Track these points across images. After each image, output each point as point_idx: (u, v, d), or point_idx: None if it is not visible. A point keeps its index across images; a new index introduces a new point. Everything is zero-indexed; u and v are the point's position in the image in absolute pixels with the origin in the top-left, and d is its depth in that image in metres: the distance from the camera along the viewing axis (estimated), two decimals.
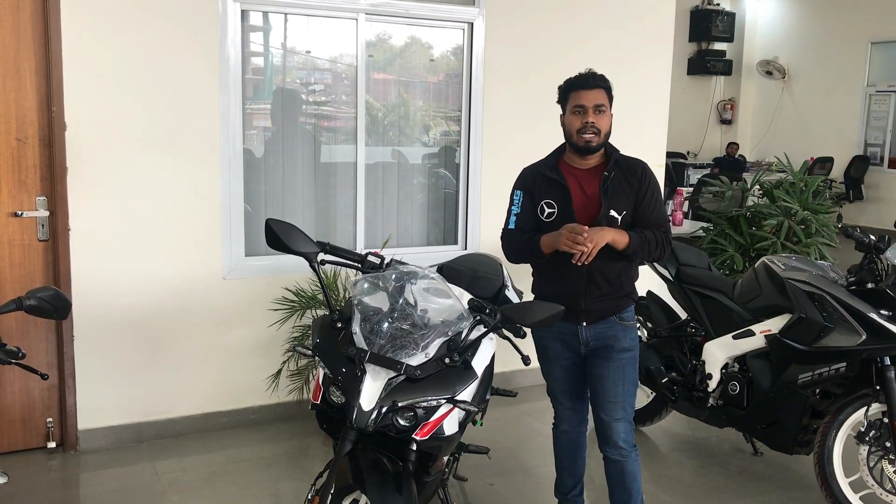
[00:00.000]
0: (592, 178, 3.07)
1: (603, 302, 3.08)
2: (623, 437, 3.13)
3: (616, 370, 3.11)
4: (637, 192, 3.06)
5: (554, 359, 3.22)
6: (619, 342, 3.11)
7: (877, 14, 12.73)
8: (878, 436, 3.54)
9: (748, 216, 5.98)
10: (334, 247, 2.98)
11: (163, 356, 4.32)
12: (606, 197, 3.03)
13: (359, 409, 2.48)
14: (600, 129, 3.01)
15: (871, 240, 3.71)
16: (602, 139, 3.03)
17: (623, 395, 3.12)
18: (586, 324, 3.10)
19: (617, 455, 3.15)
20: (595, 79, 3.05)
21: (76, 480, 3.92)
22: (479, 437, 3.77)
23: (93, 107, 4.00)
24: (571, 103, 3.04)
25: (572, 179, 3.08)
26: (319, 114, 4.98)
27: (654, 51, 5.51)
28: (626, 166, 3.09)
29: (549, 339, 3.19)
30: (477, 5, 4.93)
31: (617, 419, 3.12)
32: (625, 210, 3.05)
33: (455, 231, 5.19)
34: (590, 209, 3.03)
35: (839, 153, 13.03)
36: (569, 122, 3.05)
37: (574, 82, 3.06)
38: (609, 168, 3.06)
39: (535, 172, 3.16)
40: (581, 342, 3.13)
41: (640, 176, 3.09)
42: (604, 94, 3.04)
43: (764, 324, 3.89)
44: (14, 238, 3.96)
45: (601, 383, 3.13)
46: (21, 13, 3.84)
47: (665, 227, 3.13)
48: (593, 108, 3.00)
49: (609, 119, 3.06)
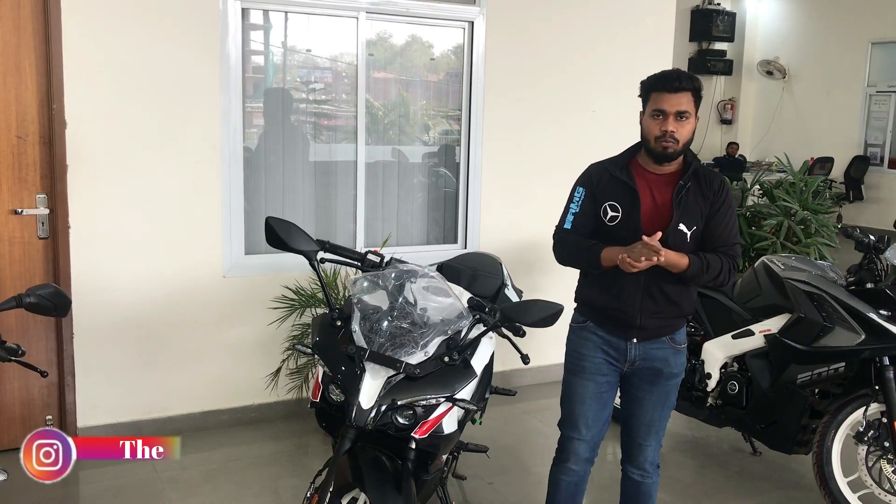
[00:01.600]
0: (666, 186, 2.80)
1: (658, 319, 2.83)
2: (650, 458, 2.98)
3: (659, 397, 2.91)
4: (711, 205, 2.79)
5: (590, 372, 2.88)
6: (668, 367, 2.88)
7: (877, 14, 12.74)
8: (877, 436, 3.55)
9: (748, 216, 5.98)
10: (334, 245, 2.97)
11: (162, 354, 4.32)
12: (679, 208, 2.76)
13: (358, 408, 2.48)
14: (680, 138, 2.72)
15: (871, 240, 3.72)
16: (681, 147, 2.74)
17: (660, 420, 2.94)
18: (637, 341, 2.84)
19: (639, 476, 3.00)
20: (681, 80, 2.73)
21: (75, 478, 3.92)
22: (478, 435, 3.77)
23: (93, 104, 4.00)
24: (652, 105, 2.75)
25: (643, 184, 2.80)
26: (319, 112, 4.99)
27: (654, 50, 5.50)
28: (704, 178, 2.82)
29: (590, 347, 2.88)
30: (477, 4, 4.93)
31: (649, 445, 2.96)
32: (695, 225, 2.78)
33: (455, 230, 5.19)
34: (658, 219, 2.76)
35: (839, 153, 13.03)
36: (647, 125, 2.77)
37: (657, 82, 2.76)
38: (686, 177, 2.79)
39: (602, 170, 2.87)
40: (627, 359, 2.86)
41: (716, 189, 2.81)
42: (689, 99, 2.73)
43: (763, 323, 3.90)
44: (14, 235, 3.96)
45: (640, 407, 2.92)
46: (21, 11, 3.84)
47: (734, 251, 2.84)
48: (675, 114, 2.71)
49: (692, 126, 2.76)
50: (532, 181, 5.12)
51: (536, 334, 2.88)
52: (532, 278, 4.58)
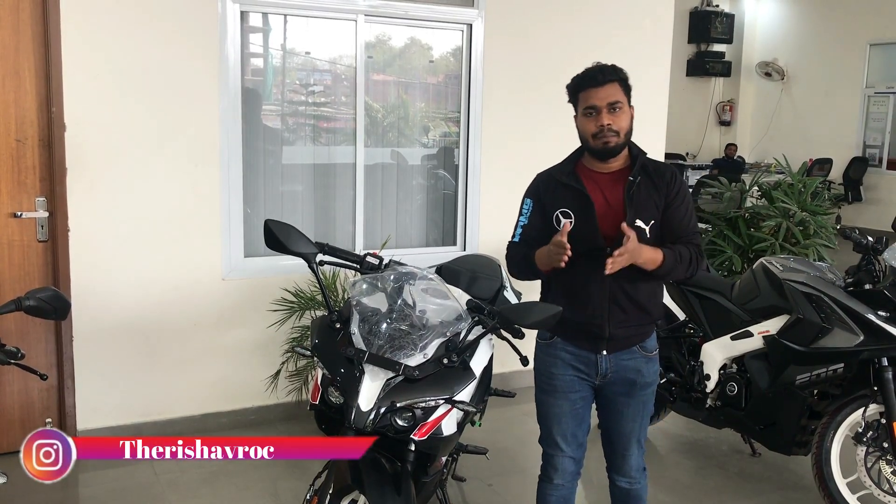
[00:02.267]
0: (615, 184, 2.72)
1: (627, 328, 2.74)
2: (635, 465, 2.89)
3: (636, 407, 2.82)
4: (666, 197, 2.71)
5: (562, 391, 2.80)
6: (642, 377, 2.79)
7: (876, 15, 12.75)
8: (876, 436, 3.55)
9: (747, 217, 5.98)
10: (333, 247, 2.98)
11: (162, 357, 4.32)
12: (632, 205, 2.67)
13: (357, 410, 2.48)
14: (619, 130, 2.65)
15: (869, 241, 3.72)
16: (623, 139, 2.67)
17: (639, 430, 2.86)
18: (606, 352, 2.75)
19: (626, 483, 2.91)
20: (605, 73, 2.67)
21: (75, 480, 3.92)
22: (477, 437, 3.77)
23: (92, 107, 4.01)
24: (582, 105, 2.69)
25: (593, 186, 2.72)
26: (319, 115, 4.99)
27: (652, 52, 5.51)
28: (654, 171, 2.74)
29: (559, 366, 2.79)
30: (476, 7, 4.94)
31: (632, 452, 2.88)
32: (653, 219, 2.70)
33: (454, 232, 5.19)
34: (613, 219, 2.66)
35: (838, 154, 13.04)
36: (582, 126, 2.71)
37: (581, 80, 2.69)
38: (635, 172, 2.70)
39: (548, 179, 2.81)
40: (598, 373, 2.77)
41: (668, 181, 2.72)
42: (618, 89, 2.66)
43: (762, 325, 3.90)
44: (13, 239, 3.96)
45: (619, 419, 2.84)
46: (21, 14, 3.85)
47: (697, 241, 2.78)
48: (607, 107, 2.64)
49: (628, 115, 2.69)
50: None
51: (535, 336, 2.89)
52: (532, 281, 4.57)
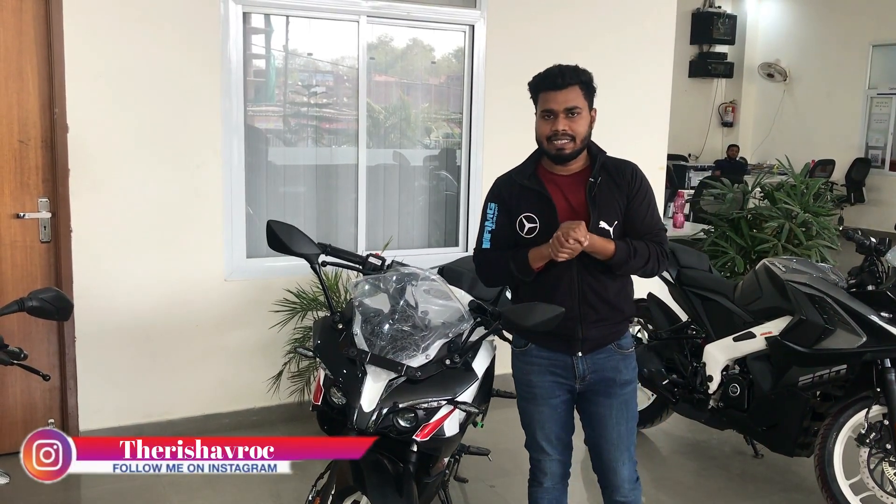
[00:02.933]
0: (577, 186, 2.68)
1: (601, 327, 2.70)
2: (628, 478, 2.81)
3: (619, 407, 2.76)
4: (628, 195, 2.67)
5: (542, 397, 2.75)
6: (620, 374, 2.75)
7: (878, 17, 12.74)
8: (879, 438, 3.55)
9: (749, 218, 5.98)
10: (335, 248, 2.98)
11: (164, 358, 4.32)
12: (595, 207, 2.63)
13: (359, 411, 2.48)
14: (574, 135, 2.60)
15: (872, 242, 3.71)
16: (579, 145, 2.62)
17: (627, 434, 2.78)
18: (582, 354, 2.71)
19: (621, 498, 2.82)
20: (565, 76, 2.60)
21: (77, 481, 3.92)
22: (479, 438, 3.77)
23: (95, 109, 4.01)
24: (541, 106, 2.64)
25: (554, 188, 2.68)
26: (321, 116, 4.99)
27: (655, 53, 5.51)
28: (615, 169, 2.69)
29: (536, 373, 2.75)
30: (478, 8, 4.94)
31: (623, 464, 2.79)
32: (616, 220, 2.66)
33: (456, 233, 5.19)
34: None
35: (840, 156, 13.02)
36: (538, 127, 2.66)
37: (542, 81, 2.64)
38: (595, 173, 2.66)
39: (510, 182, 2.76)
40: (577, 376, 2.72)
41: (629, 178, 2.69)
42: (578, 93, 2.60)
43: (764, 326, 3.90)
44: (16, 239, 3.96)
45: (602, 424, 2.77)
46: (23, 15, 3.85)
47: (660, 237, 2.73)
48: (564, 112, 2.58)
49: (586, 121, 2.62)
50: None
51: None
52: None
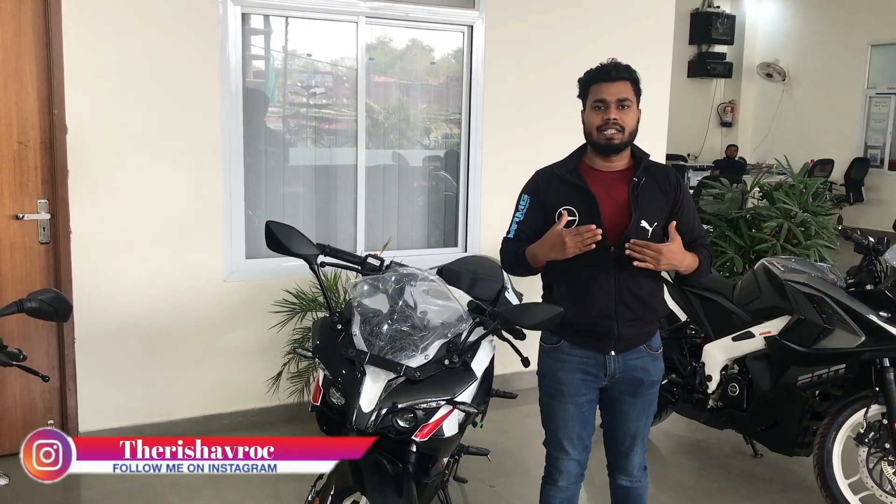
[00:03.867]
0: (619, 183, 2.71)
1: (635, 327, 2.73)
2: (637, 464, 2.90)
3: (642, 406, 2.82)
4: (674, 201, 2.72)
5: (570, 395, 2.77)
6: (649, 375, 2.79)
7: (877, 16, 12.75)
8: (878, 437, 3.55)
9: (748, 218, 5.98)
10: (334, 249, 2.98)
11: (163, 358, 4.33)
12: (637, 205, 2.67)
13: (359, 411, 2.48)
14: (624, 126, 2.65)
15: (870, 242, 3.72)
16: (626, 137, 2.67)
17: (644, 428, 2.87)
18: (615, 353, 2.73)
19: (628, 482, 2.92)
20: (619, 70, 2.69)
21: (77, 482, 3.92)
22: (479, 438, 3.77)
23: (94, 110, 4.02)
24: (591, 98, 2.69)
25: (596, 184, 2.70)
26: (320, 116, 5.00)
27: (654, 53, 5.52)
28: (659, 173, 2.75)
29: (567, 370, 2.76)
30: (477, 8, 4.95)
31: (635, 453, 2.88)
32: (657, 221, 2.69)
33: (455, 233, 5.20)
34: (618, 219, 2.66)
35: (839, 155, 13.03)
36: (588, 118, 2.71)
37: (594, 74, 2.70)
38: (640, 173, 2.71)
39: (549, 176, 2.78)
40: (607, 374, 2.75)
41: (674, 184, 2.74)
42: (629, 87, 2.67)
43: (763, 325, 3.90)
44: (15, 240, 3.97)
45: (623, 418, 2.83)
46: (22, 17, 3.86)
47: (706, 241, 2.84)
48: (616, 102, 2.64)
49: (635, 115, 2.69)
50: None
51: (536, 337, 2.89)
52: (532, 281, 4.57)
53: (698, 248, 2.76)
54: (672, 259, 2.60)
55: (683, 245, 2.68)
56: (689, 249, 2.72)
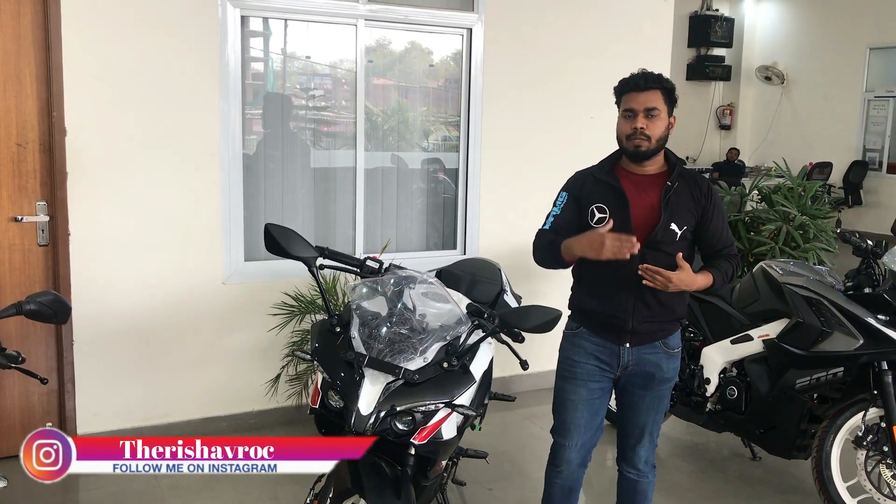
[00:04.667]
0: (652, 187, 2.83)
1: (651, 324, 2.85)
2: (644, 458, 3.02)
3: (653, 401, 2.94)
4: (704, 209, 2.84)
5: (583, 379, 2.90)
6: (661, 372, 2.90)
7: (875, 20, 12.76)
8: (876, 440, 3.55)
9: (747, 221, 5.99)
10: (333, 251, 2.98)
11: (162, 361, 4.33)
12: (668, 208, 2.79)
13: (357, 414, 2.48)
14: (651, 135, 2.76)
15: (869, 245, 3.72)
16: (654, 145, 2.78)
17: (654, 424, 2.98)
18: (630, 345, 2.86)
19: (635, 475, 3.05)
20: (648, 80, 2.78)
21: (75, 485, 3.92)
22: (477, 441, 3.78)
23: (93, 112, 4.02)
24: (622, 106, 2.81)
25: (629, 185, 2.83)
26: (319, 119, 5.00)
27: (652, 56, 5.51)
28: (692, 179, 2.87)
29: (582, 354, 2.91)
30: (476, 11, 4.95)
31: (643, 446, 3.01)
32: (686, 225, 2.82)
33: (454, 236, 5.20)
34: (648, 220, 2.80)
35: (838, 158, 13.04)
36: (619, 126, 2.82)
37: (626, 83, 2.81)
38: (673, 178, 2.82)
39: (586, 176, 2.93)
40: (620, 364, 2.88)
41: (706, 192, 2.85)
42: (659, 97, 2.77)
43: (762, 328, 3.91)
44: (14, 243, 3.97)
45: (634, 411, 2.96)
46: (22, 19, 3.86)
47: (734, 250, 2.93)
48: (643, 111, 2.75)
49: (664, 124, 2.78)
50: (531, 186, 5.13)
51: (535, 340, 2.89)
52: (531, 284, 4.59)
53: (720, 260, 2.88)
54: (680, 285, 2.73)
55: (711, 252, 2.89)
56: (715, 258, 2.89)
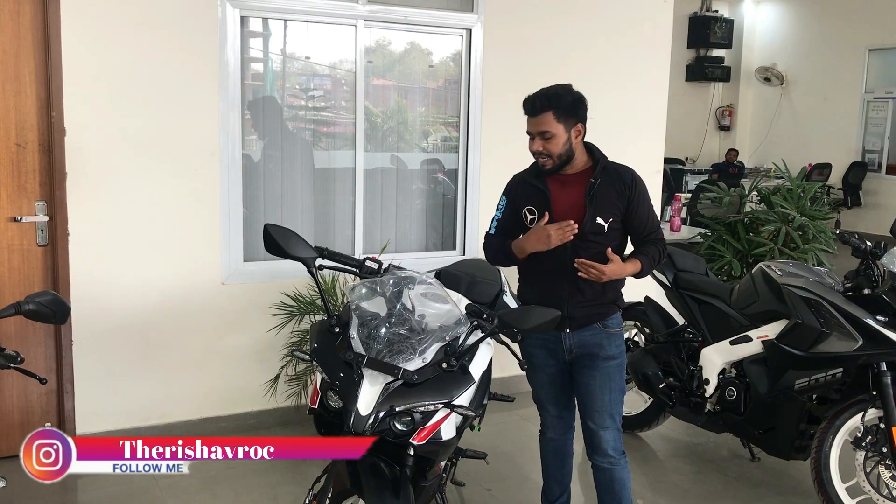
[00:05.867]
0: (577, 185, 3.03)
1: (587, 308, 3.06)
2: (612, 444, 3.12)
3: (602, 379, 3.09)
4: (628, 200, 3.02)
5: (539, 366, 3.20)
6: (603, 350, 3.09)
7: (875, 21, 12.77)
8: (875, 441, 3.55)
9: (746, 222, 5.99)
10: (332, 252, 2.98)
11: (161, 361, 4.32)
12: (592, 203, 2.99)
13: (356, 414, 2.48)
14: (550, 154, 2.96)
15: (868, 246, 3.72)
16: (556, 161, 2.98)
17: (610, 404, 3.10)
18: (570, 330, 3.07)
19: (606, 463, 3.14)
20: (537, 104, 2.94)
21: (74, 485, 3.92)
22: (476, 442, 3.77)
23: (92, 112, 4.02)
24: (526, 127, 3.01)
25: (556, 185, 3.05)
26: (318, 119, 5.00)
27: (652, 57, 5.53)
28: (615, 173, 3.04)
29: (533, 346, 3.17)
30: (475, 12, 4.95)
31: (605, 427, 3.11)
32: (611, 217, 3.01)
33: (453, 236, 5.20)
34: (574, 215, 2.98)
35: (837, 159, 13.05)
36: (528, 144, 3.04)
37: (523, 105, 2.98)
38: (596, 175, 3.01)
39: (520, 180, 3.17)
40: (564, 349, 3.10)
41: (629, 183, 3.03)
42: (550, 119, 2.92)
43: (761, 329, 3.90)
44: (13, 243, 3.97)
45: (587, 391, 3.12)
46: (21, 19, 3.86)
47: (660, 235, 3.14)
48: (538, 135, 2.95)
49: (561, 140, 2.95)
50: None
51: None
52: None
53: (647, 246, 3.10)
54: (612, 275, 2.96)
55: (638, 238, 3.11)
56: (642, 243, 3.11)
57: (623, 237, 3.12)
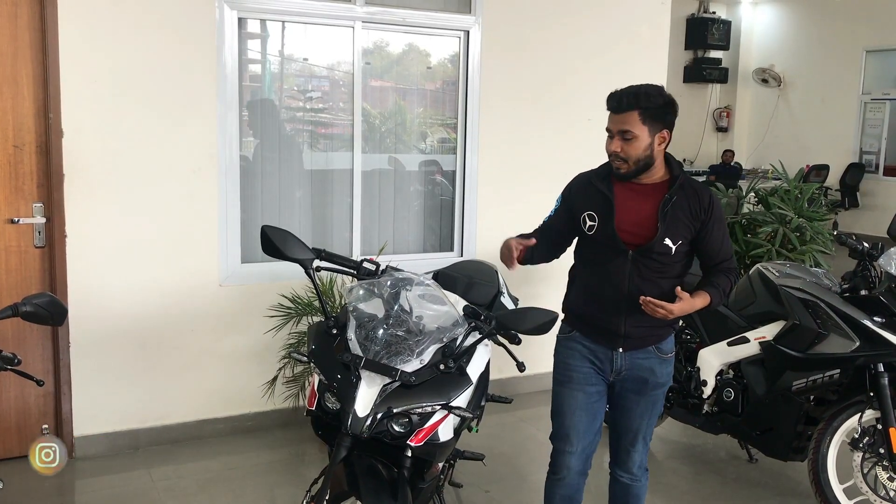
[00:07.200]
0: (650, 197, 2.76)
1: (643, 329, 2.81)
2: (638, 463, 2.99)
3: (646, 405, 2.91)
4: (702, 224, 2.76)
5: (579, 382, 2.87)
6: (654, 377, 2.87)
7: (872, 22, 12.79)
8: (872, 442, 3.56)
9: (743, 223, 6.00)
10: (330, 253, 2.98)
11: (159, 363, 4.32)
12: (664, 222, 2.72)
13: (354, 416, 2.48)
14: (627, 158, 2.69)
15: (865, 247, 3.73)
16: (633, 167, 2.71)
17: (647, 428, 2.95)
18: (623, 350, 2.84)
19: (628, 479, 3.01)
20: (623, 101, 2.67)
21: (72, 487, 3.91)
22: (474, 443, 3.77)
23: (90, 114, 4.01)
24: (607, 123, 2.74)
25: (624, 193, 2.78)
26: (316, 121, 5.00)
27: (650, 58, 5.53)
28: (692, 191, 2.77)
29: (577, 357, 2.88)
30: (473, 13, 4.96)
31: (636, 451, 2.97)
32: (681, 240, 2.74)
33: (451, 238, 5.20)
34: (640, 230, 2.74)
35: (834, 161, 13.06)
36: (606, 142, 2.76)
37: (607, 101, 2.72)
38: (673, 191, 2.73)
39: (584, 180, 2.89)
40: (613, 369, 2.86)
41: (706, 206, 2.75)
42: (635, 119, 2.66)
43: (758, 330, 3.91)
44: (10, 245, 3.96)
45: (627, 416, 2.93)
46: (18, 21, 3.86)
47: (732, 264, 2.87)
48: (618, 134, 2.69)
49: (643, 145, 2.68)
50: (528, 188, 5.14)
51: (532, 342, 2.88)
52: (528, 286, 4.59)
53: (717, 276, 2.83)
54: (679, 314, 2.71)
55: (708, 266, 2.85)
56: (712, 272, 2.85)
57: (688, 262, 2.85)
